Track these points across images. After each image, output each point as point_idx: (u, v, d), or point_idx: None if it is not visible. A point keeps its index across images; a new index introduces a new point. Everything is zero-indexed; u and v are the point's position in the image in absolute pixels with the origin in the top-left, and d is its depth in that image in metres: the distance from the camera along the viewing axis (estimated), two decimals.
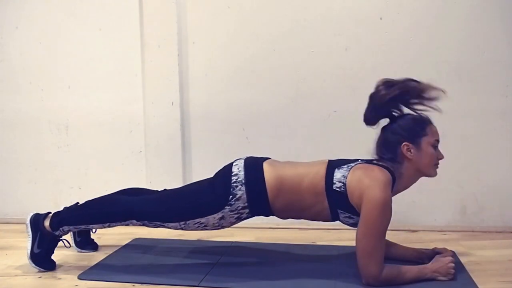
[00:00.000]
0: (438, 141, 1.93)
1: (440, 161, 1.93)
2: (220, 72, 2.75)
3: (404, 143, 1.89)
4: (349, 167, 1.90)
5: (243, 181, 1.90)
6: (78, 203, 2.25)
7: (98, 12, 2.79)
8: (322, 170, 1.91)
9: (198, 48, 2.75)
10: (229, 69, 2.74)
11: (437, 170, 1.94)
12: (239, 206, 1.91)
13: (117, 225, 2.01)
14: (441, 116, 2.57)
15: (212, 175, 2.13)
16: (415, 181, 1.97)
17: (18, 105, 2.90)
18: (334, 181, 1.87)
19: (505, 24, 2.53)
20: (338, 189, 1.86)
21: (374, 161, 1.95)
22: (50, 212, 2.08)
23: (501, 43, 2.54)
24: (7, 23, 2.86)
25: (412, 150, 1.89)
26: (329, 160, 1.97)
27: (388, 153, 1.92)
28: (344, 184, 1.86)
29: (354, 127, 2.64)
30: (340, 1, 2.63)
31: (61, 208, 2.26)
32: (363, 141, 2.62)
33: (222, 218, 1.93)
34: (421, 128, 1.91)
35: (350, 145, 2.62)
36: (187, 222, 1.94)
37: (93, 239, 2.35)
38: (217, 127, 2.77)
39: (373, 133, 2.62)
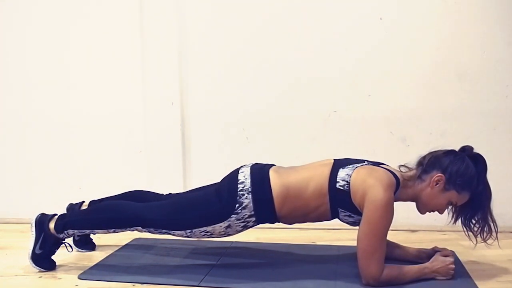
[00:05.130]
0: (455, 206, 1.90)
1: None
2: (221, 72, 2.75)
3: (442, 176, 1.85)
4: (354, 167, 1.89)
5: (250, 190, 1.89)
6: (83, 201, 2.27)
7: (98, 12, 2.79)
8: (327, 171, 1.90)
9: (198, 48, 2.75)
10: (229, 69, 2.74)
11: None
12: (246, 214, 1.90)
13: (122, 231, 2.01)
14: (441, 116, 2.60)
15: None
16: (407, 201, 1.95)
17: (18, 105, 2.90)
18: (337, 180, 1.87)
19: (505, 24, 2.54)
20: (341, 188, 1.86)
21: (381, 164, 1.95)
22: (56, 214, 2.07)
23: (501, 43, 2.54)
24: (7, 23, 2.86)
25: (437, 185, 1.86)
26: (335, 160, 1.97)
27: (427, 165, 1.88)
28: (348, 182, 1.85)
29: (354, 127, 2.67)
30: (340, 1, 2.63)
31: (63, 206, 2.28)
32: (363, 141, 2.65)
33: (228, 226, 1.92)
34: (464, 185, 1.84)
35: (350, 145, 2.63)
36: (193, 231, 1.94)
37: (91, 239, 2.35)
38: (217, 127, 2.77)
39: (373, 133, 2.64)
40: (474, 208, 1.87)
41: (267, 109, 2.72)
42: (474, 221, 1.89)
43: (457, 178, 1.83)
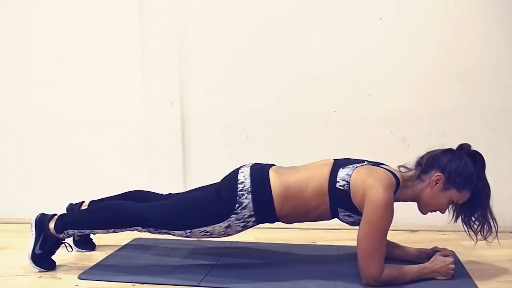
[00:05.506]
0: (456, 204, 1.90)
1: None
2: (220, 72, 2.75)
3: (441, 175, 1.84)
4: (354, 167, 1.89)
5: (249, 189, 1.89)
6: (83, 201, 2.27)
7: (98, 12, 2.79)
8: (327, 170, 1.90)
9: (198, 48, 2.75)
10: (229, 69, 2.74)
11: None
12: (245, 214, 1.90)
13: (122, 231, 2.01)
14: (441, 116, 2.60)
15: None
16: (407, 201, 1.95)
17: (18, 104, 2.90)
18: (337, 180, 1.87)
19: (505, 24, 2.54)
20: (341, 187, 1.86)
21: (381, 165, 1.95)
22: (56, 214, 2.08)
23: (501, 43, 2.54)
24: (7, 23, 2.86)
25: (437, 185, 1.85)
26: (335, 160, 1.97)
27: (426, 165, 1.88)
28: (348, 182, 1.85)
29: (354, 127, 2.67)
30: (340, 1, 2.63)
31: (63, 206, 2.29)
32: (363, 141, 2.65)
33: (228, 226, 1.92)
34: (464, 183, 1.83)
35: (350, 145, 2.63)
36: (193, 231, 1.94)
37: (91, 239, 2.35)
38: (217, 127, 2.77)
39: (373, 133, 2.64)
40: (473, 206, 1.87)
41: (267, 109, 2.72)
42: (474, 219, 1.89)
43: (457, 176, 1.83)
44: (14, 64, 2.89)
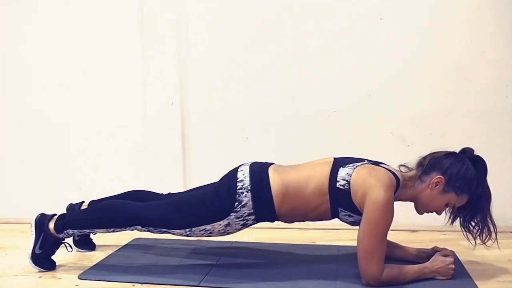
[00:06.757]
0: (453, 207, 1.90)
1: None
2: (220, 72, 2.75)
3: (442, 178, 1.84)
4: (355, 166, 1.89)
5: (249, 188, 1.89)
6: (83, 201, 2.28)
7: (98, 12, 2.79)
8: (327, 169, 1.90)
9: (198, 48, 2.75)
10: (229, 69, 2.74)
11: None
12: (245, 212, 1.90)
13: (121, 231, 2.01)
14: (441, 116, 2.60)
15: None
16: (406, 201, 1.94)
17: (18, 105, 2.90)
18: (338, 179, 1.86)
19: (505, 24, 2.54)
20: (341, 187, 1.86)
21: (381, 164, 1.95)
22: (55, 214, 2.08)
23: (501, 43, 2.54)
24: (7, 23, 2.86)
25: (437, 187, 1.85)
26: (335, 158, 1.97)
27: (428, 166, 1.88)
28: (348, 182, 1.85)
29: (354, 127, 2.67)
30: (340, 1, 2.63)
31: (63, 206, 2.29)
32: (363, 141, 2.65)
33: (228, 225, 1.92)
34: (463, 188, 1.84)
35: (350, 145, 2.63)
36: (193, 229, 1.94)
37: (91, 239, 2.36)
38: (217, 127, 2.77)
39: (373, 133, 2.65)
40: (473, 210, 1.87)
41: (267, 109, 2.72)
42: (473, 223, 1.89)
43: (457, 180, 1.83)
44: (14, 64, 2.89)
